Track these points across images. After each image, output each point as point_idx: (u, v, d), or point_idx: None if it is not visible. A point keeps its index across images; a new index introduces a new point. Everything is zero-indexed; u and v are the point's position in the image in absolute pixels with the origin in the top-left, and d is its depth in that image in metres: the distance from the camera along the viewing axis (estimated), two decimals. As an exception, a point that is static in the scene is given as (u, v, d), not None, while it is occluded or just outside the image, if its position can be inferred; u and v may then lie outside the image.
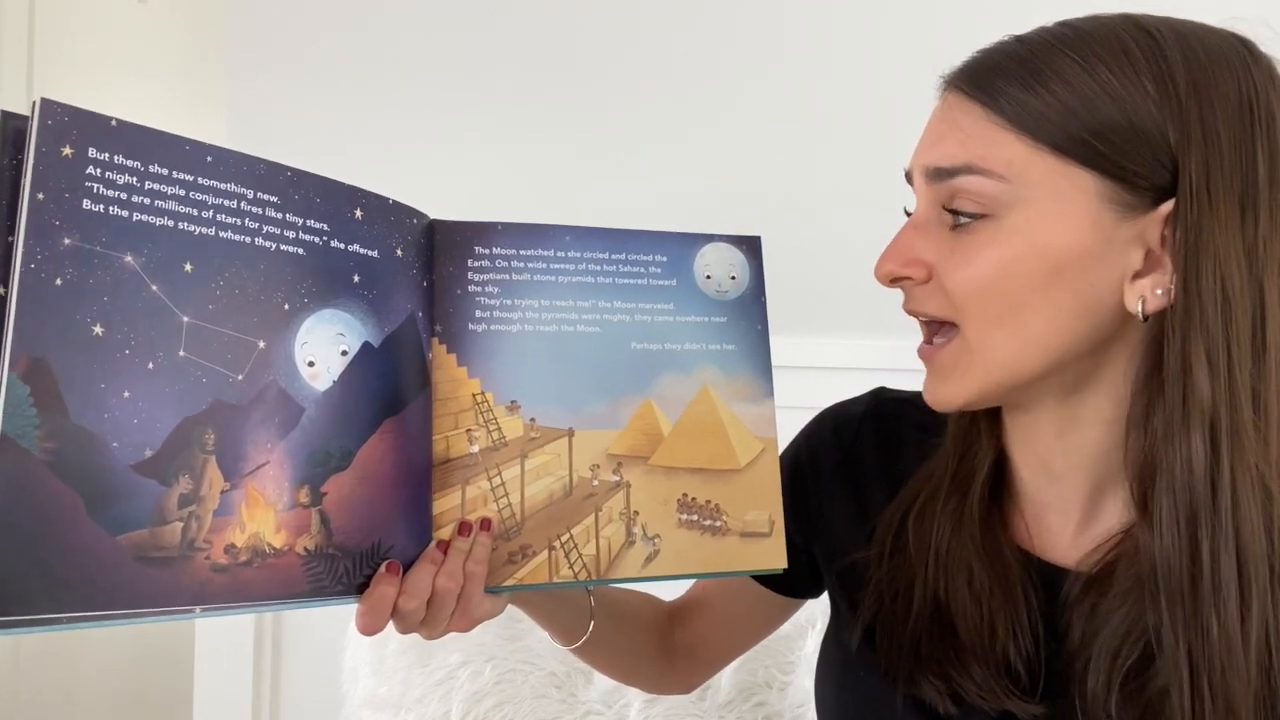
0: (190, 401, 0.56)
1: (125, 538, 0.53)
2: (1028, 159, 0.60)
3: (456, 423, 0.70)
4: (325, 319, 0.63)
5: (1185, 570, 0.59)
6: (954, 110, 0.63)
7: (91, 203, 0.54)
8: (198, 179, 0.58)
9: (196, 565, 0.56)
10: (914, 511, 0.73)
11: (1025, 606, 0.67)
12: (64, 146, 0.53)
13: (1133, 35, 0.60)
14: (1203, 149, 0.58)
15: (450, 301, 0.71)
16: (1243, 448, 0.58)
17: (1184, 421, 0.59)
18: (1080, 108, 0.59)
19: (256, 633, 1.66)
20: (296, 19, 1.68)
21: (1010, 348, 0.62)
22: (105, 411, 0.53)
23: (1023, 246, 0.60)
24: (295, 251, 0.62)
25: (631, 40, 1.56)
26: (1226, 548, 0.58)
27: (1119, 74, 0.59)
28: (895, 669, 0.70)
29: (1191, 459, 0.59)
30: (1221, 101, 0.58)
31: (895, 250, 0.66)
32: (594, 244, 0.75)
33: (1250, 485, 0.58)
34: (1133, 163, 0.59)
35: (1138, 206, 0.59)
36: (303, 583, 0.61)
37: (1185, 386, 0.59)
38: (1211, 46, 0.60)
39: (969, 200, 0.62)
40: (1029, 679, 0.66)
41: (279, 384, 0.60)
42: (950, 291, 0.63)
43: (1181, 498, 0.59)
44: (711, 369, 0.77)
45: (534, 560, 0.70)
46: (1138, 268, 0.60)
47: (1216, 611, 0.58)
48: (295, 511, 0.61)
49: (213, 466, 0.57)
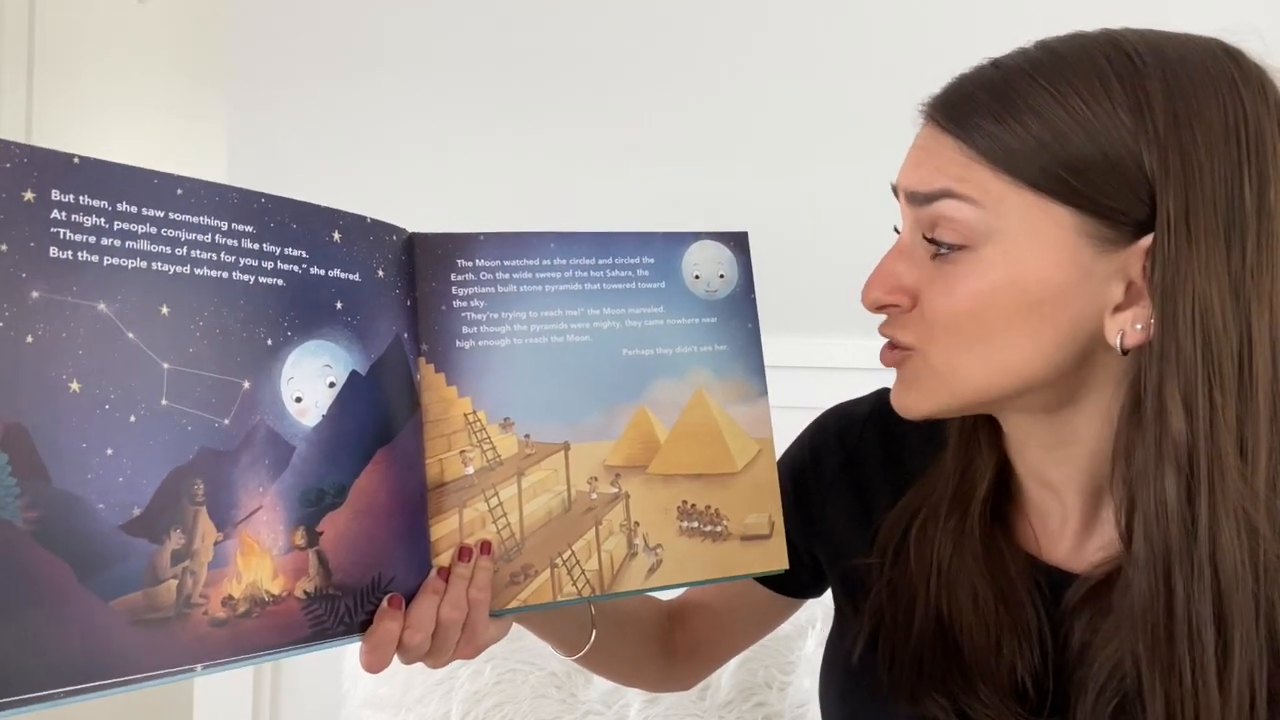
0: (176, 452, 0.54)
1: (119, 603, 0.50)
2: (1003, 192, 0.59)
3: (449, 444, 0.68)
4: (310, 351, 0.60)
5: (1162, 613, 0.58)
6: (931, 142, 0.62)
7: (59, 249, 0.50)
8: (169, 214, 0.55)
9: (194, 622, 0.53)
10: (915, 527, 0.72)
11: (1033, 620, 0.67)
12: (25, 190, 0.49)
13: (1110, 60, 0.58)
14: (1182, 182, 0.56)
15: (435, 319, 0.68)
16: (1224, 489, 0.57)
17: (1158, 462, 0.58)
18: (1053, 142, 0.57)
19: (257, 632, 1.66)
20: (296, 19, 1.66)
21: (979, 372, 0.61)
22: (88, 472, 0.50)
23: (1000, 280, 0.59)
24: (275, 283, 0.59)
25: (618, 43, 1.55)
26: (1202, 591, 0.57)
27: (1093, 104, 0.57)
28: (898, 685, 0.70)
29: (1166, 499, 0.58)
30: (1204, 129, 0.56)
31: (880, 278, 0.65)
32: (579, 249, 0.73)
33: (1234, 526, 0.57)
34: (1110, 198, 0.57)
35: (1117, 241, 0.58)
36: (304, 627, 0.59)
37: (1160, 427, 0.57)
38: (1195, 67, 0.57)
39: (948, 230, 0.60)
40: (1036, 696, 0.66)
41: (267, 424, 0.58)
42: (928, 320, 0.62)
43: (1158, 539, 0.58)
44: (704, 371, 0.75)
45: (536, 580, 0.69)
46: (1119, 300, 0.59)
47: (1191, 657, 0.57)
48: (292, 555, 0.58)
49: (204, 518, 0.54)
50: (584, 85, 1.56)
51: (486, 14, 1.59)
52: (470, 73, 1.60)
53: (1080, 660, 0.64)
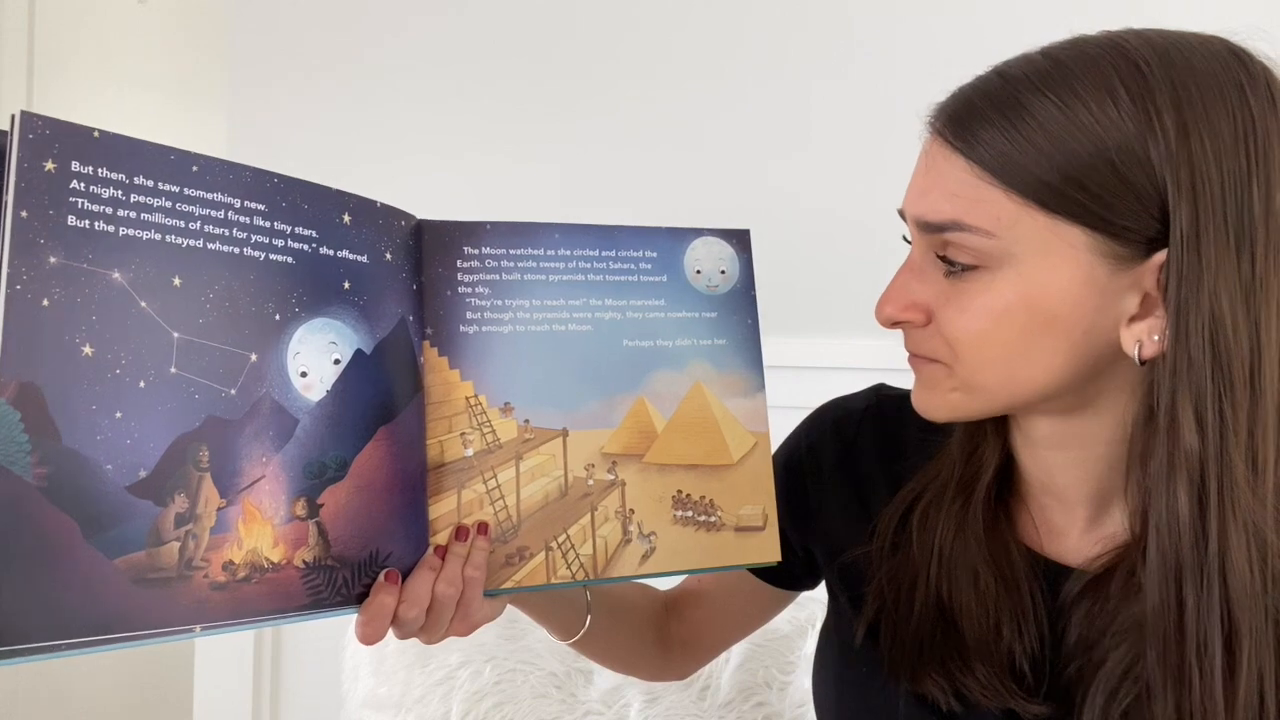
0: (183, 419, 0.55)
1: (122, 560, 0.52)
2: (1016, 215, 0.58)
3: (450, 426, 0.70)
4: (317, 328, 0.62)
5: (1173, 623, 0.59)
6: (937, 159, 0.62)
7: (77, 218, 0.52)
8: (184, 190, 0.57)
9: (195, 584, 0.55)
10: (918, 511, 0.73)
11: (1031, 605, 0.68)
12: (46, 161, 0.51)
13: (1118, 70, 0.57)
14: (1192, 195, 0.55)
15: (441, 304, 0.70)
16: (1234, 501, 0.57)
17: (1170, 474, 0.59)
18: (1060, 157, 0.57)
19: (257, 634, 1.67)
20: (296, 19, 1.67)
21: (1000, 385, 0.62)
22: (98, 433, 0.52)
23: (1016, 299, 0.59)
24: (285, 260, 0.61)
25: (624, 39, 1.56)
26: (1211, 603, 0.58)
27: (1101, 117, 0.57)
28: (898, 666, 0.70)
29: (1178, 511, 0.58)
30: (1213, 139, 0.56)
31: (893, 294, 0.65)
32: (583, 241, 0.74)
33: (1244, 538, 0.58)
34: (1121, 216, 0.57)
35: (1131, 257, 0.58)
36: (302, 596, 0.60)
37: (1172, 440, 0.58)
38: (1203, 75, 0.57)
39: (961, 252, 0.61)
40: (1034, 678, 0.67)
41: (272, 396, 0.60)
42: (948, 338, 0.63)
43: (1170, 550, 0.59)
44: (703, 364, 0.77)
45: (531, 562, 0.70)
46: (1134, 312, 0.59)
47: (1200, 667, 0.58)
48: (292, 525, 0.60)
49: (208, 484, 0.56)
50: (586, 81, 1.57)
51: (487, 9, 1.60)
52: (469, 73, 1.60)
53: (1078, 651, 0.65)
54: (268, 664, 1.67)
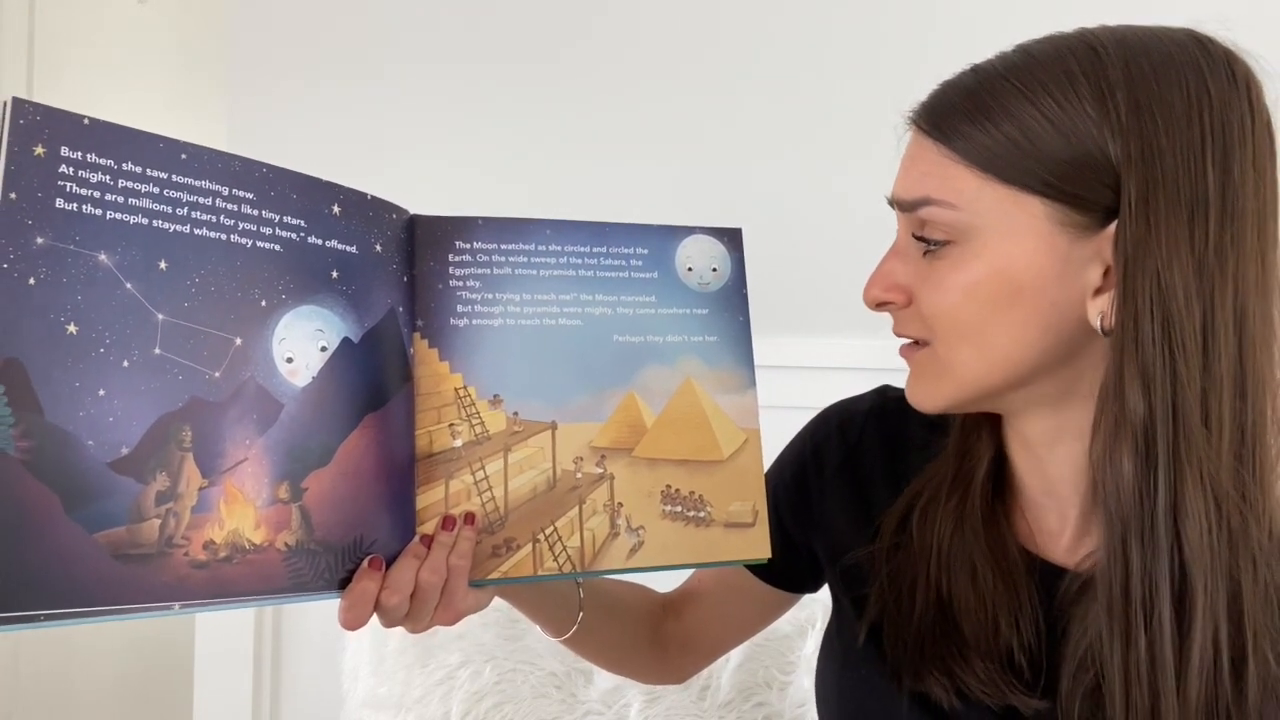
0: (167, 399, 0.56)
1: (103, 535, 0.53)
2: (978, 188, 0.62)
3: (439, 417, 0.70)
4: (303, 315, 0.63)
5: (1119, 586, 0.60)
6: (915, 147, 0.66)
7: (65, 202, 0.54)
8: (172, 176, 0.58)
9: (175, 562, 0.56)
10: (917, 509, 0.74)
11: (1028, 602, 0.68)
12: (36, 146, 0.53)
13: (1077, 56, 0.60)
14: (1142, 166, 0.58)
15: (431, 296, 0.71)
16: (1188, 457, 0.58)
17: (1115, 438, 0.60)
18: (1023, 140, 0.60)
19: (256, 632, 1.67)
20: (296, 19, 1.68)
21: (978, 363, 0.64)
22: (81, 410, 0.53)
23: (984, 270, 0.62)
24: (272, 248, 0.62)
25: (615, 41, 1.56)
26: (1159, 563, 0.59)
27: (1061, 100, 0.60)
28: (900, 665, 0.71)
29: (1122, 473, 0.60)
30: (1165, 112, 0.58)
31: (877, 277, 0.68)
32: (575, 237, 0.75)
33: (1200, 493, 0.58)
34: (1078, 187, 0.59)
35: (1090, 226, 0.60)
36: (283, 578, 0.61)
37: (1119, 404, 0.60)
38: (1159, 55, 0.60)
39: (935, 228, 0.64)
40: (1032, 674, 0.67)
41: (257, 380, 0.61)
42: (924, 315, 0.65)
43: (1115, 514, 0.60)
44: (694, 360, 0.77)
45: (518, 553, 0.71)
46: (1097, 284, 0.61)
47: (1146, 627, 0.59)
48: (275, 508, 0.61)
49: (190, 463, 0.57)
50: (580, 82, 1.58)
51: (484, 11, 1.61)
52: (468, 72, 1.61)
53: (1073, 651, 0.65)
54: (268, 664, 1.68)
